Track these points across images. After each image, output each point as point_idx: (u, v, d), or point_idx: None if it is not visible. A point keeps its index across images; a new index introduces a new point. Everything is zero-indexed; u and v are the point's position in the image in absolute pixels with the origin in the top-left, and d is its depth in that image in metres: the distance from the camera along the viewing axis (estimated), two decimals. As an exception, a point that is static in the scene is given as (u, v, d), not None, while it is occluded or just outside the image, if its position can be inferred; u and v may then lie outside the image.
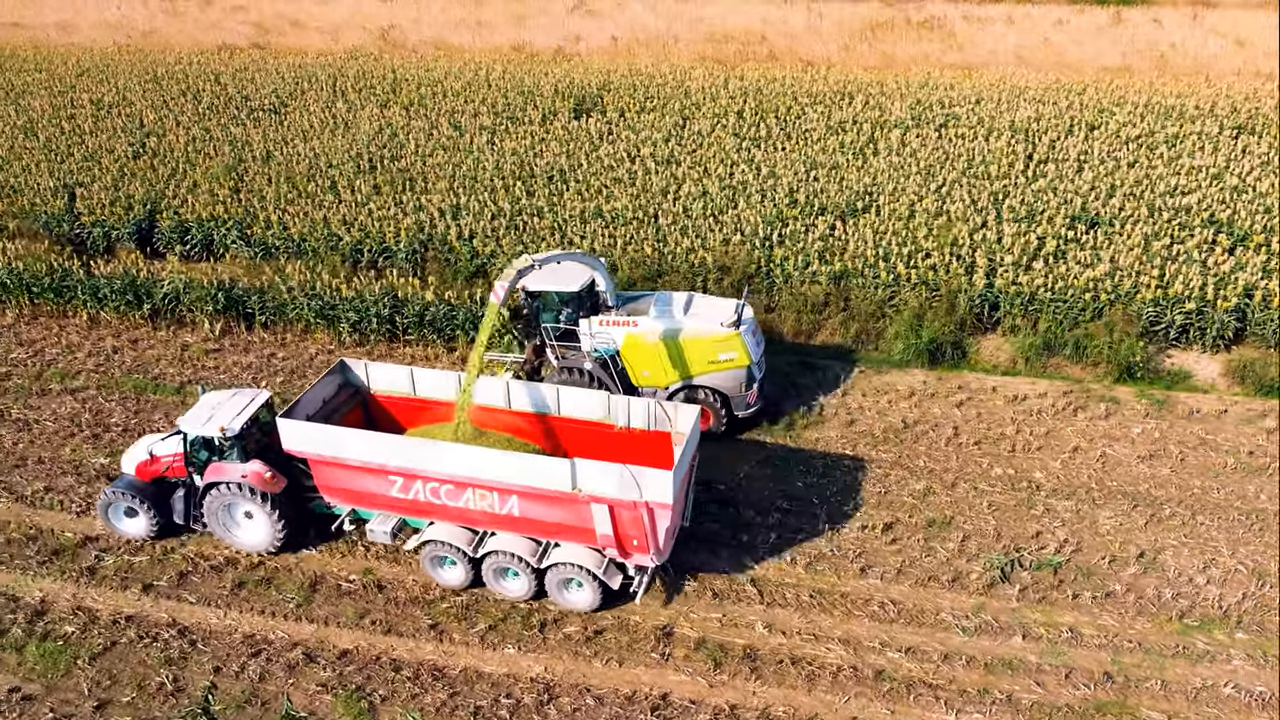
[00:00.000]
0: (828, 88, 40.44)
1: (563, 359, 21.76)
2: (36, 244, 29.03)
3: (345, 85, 42.49)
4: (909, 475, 20.62)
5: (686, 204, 29.21)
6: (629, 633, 16.82)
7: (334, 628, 17.03)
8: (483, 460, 16.28)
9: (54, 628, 17.09)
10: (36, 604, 17.59)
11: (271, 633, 16.95)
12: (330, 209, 29.67)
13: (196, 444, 17.90)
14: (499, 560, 16.91)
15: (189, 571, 18.29)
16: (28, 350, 26.00)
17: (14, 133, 37.28)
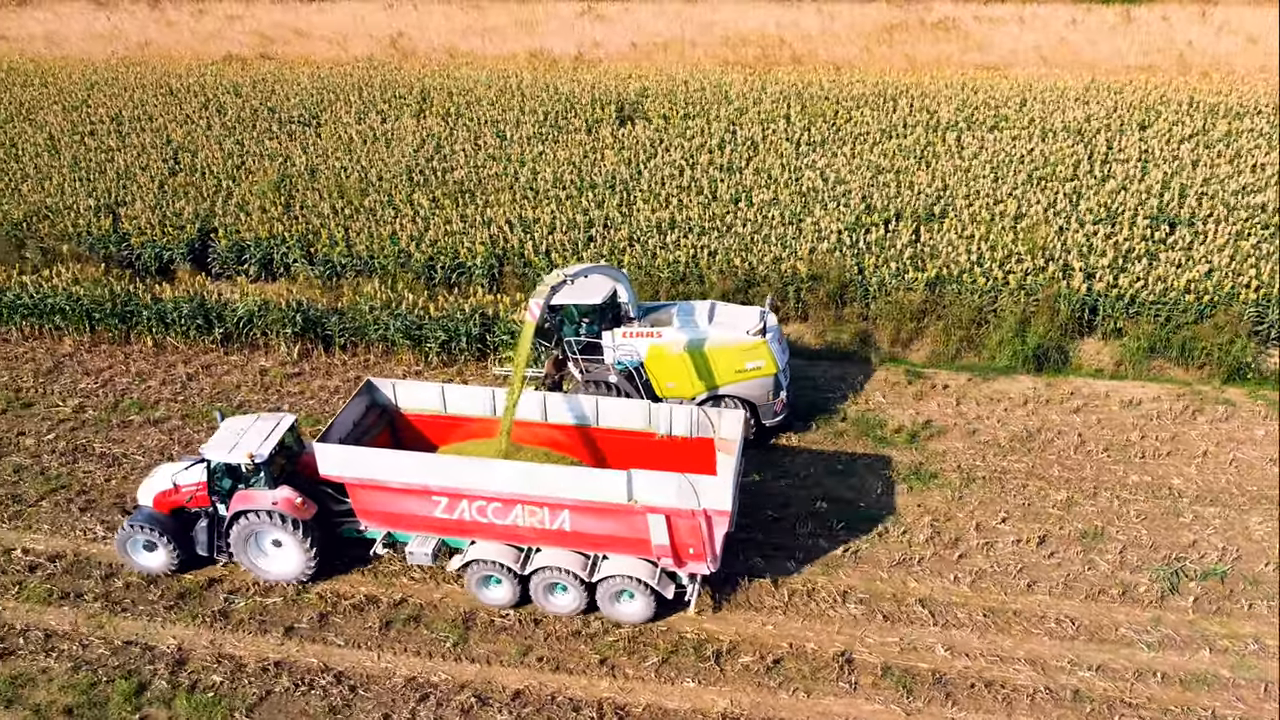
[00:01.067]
0: (867, 90, 40.16)
1: (586, 372, 21.30)
2: (88, 267, 27.71)
3: (373, 95, 41.39)
4: (1047, 485, 20.29)
5: (761, 211, 28.65)
6: (808, 660, 16.27)
7: (498, 666, 16.26)
8: (536, 476, 15.83)
9: (200, 678, 16.14)
10: (174, 652, 16.63)
11: (433, 674, 16.14)
12: (394, 224, 28.69)
13: (220, 471, 17.11)
14: (548, 576, 16.48)
15: (329, 612, 17.41)
16: (96, 380, 24.82)
17: (37, 151, 35.76)
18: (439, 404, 18.72)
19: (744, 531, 18.75)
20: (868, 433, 21.95)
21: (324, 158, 34.11)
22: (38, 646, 16.76)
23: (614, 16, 59.69)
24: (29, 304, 26.24)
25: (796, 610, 17.23)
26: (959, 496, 19.97)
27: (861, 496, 20.05)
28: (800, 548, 18.62)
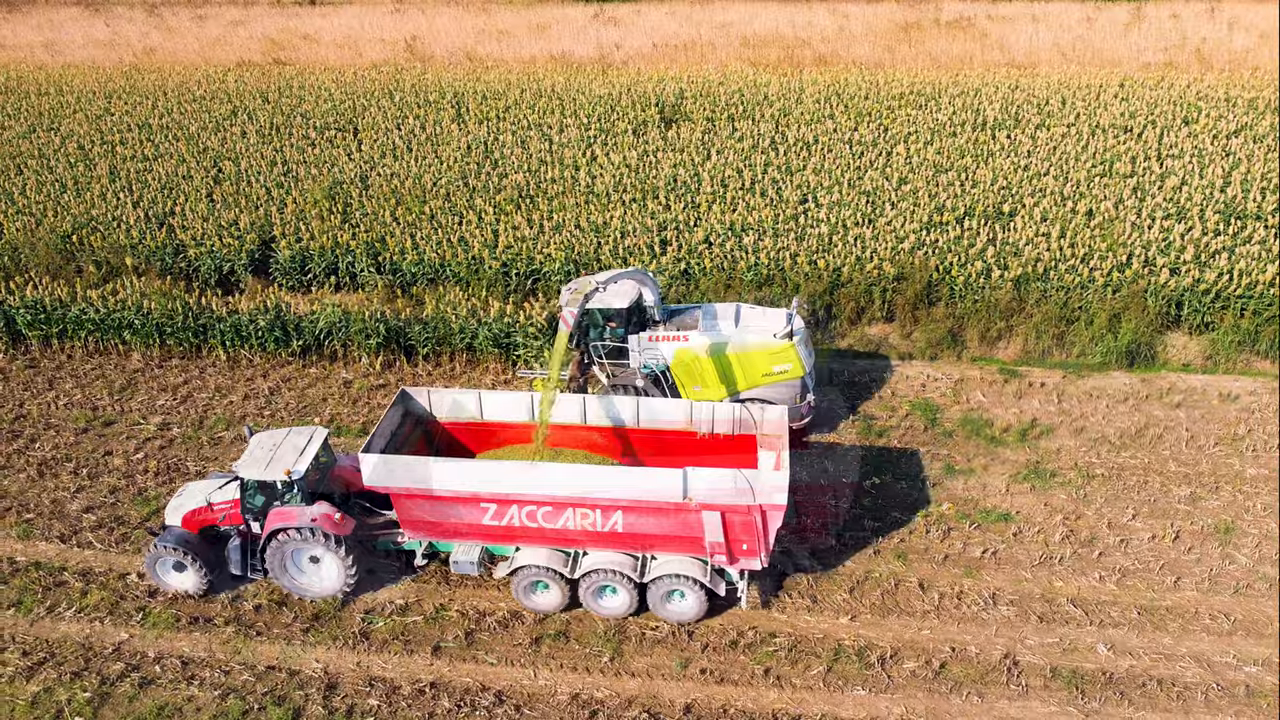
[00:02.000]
0: (903, 89, 40.19)
1: (613, 376, 21.17)
2: (149, 280, 26.95)
3: (404, 100, 40.76)
4: (1168, 481, 20.31)
5: (832, 212, 28.50)
6: (973, 664, 16.12)
7: (660, 680, 15.94)
8: (590, 477, 15.66)
9: (355, 702, 15.67)
10: (321, 677, 16.12)
11: (596, 690, 15.79)
12: (458, 230, 28.19)
13: (252, 489, 16.73)
14: (599, 579, 16.29)
15: (474, 629, 16.98)
16: (174, 396, 24.13)
17: (70, 161, 34.78)
18: (475, 411, 18.49)
19: (876, 534, 18.65)
20: (977, 432, 21.87)
21: (369, 164, 33.48)
22: (177, 674, 16.21)
23: (625, 19, 59.40)
24: (95, 319, 25.46)
25: (949, 614, 17.08)
26: (1083, 494, 19.93)
27: (985, 496, 19.96)
28: (935, 549, 18.48)
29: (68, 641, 16.93)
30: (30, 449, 22.08)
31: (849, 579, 17.76)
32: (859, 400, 23.12)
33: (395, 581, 17.91)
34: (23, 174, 33.88)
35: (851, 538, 18.76)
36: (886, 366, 24.54)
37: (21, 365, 25.63)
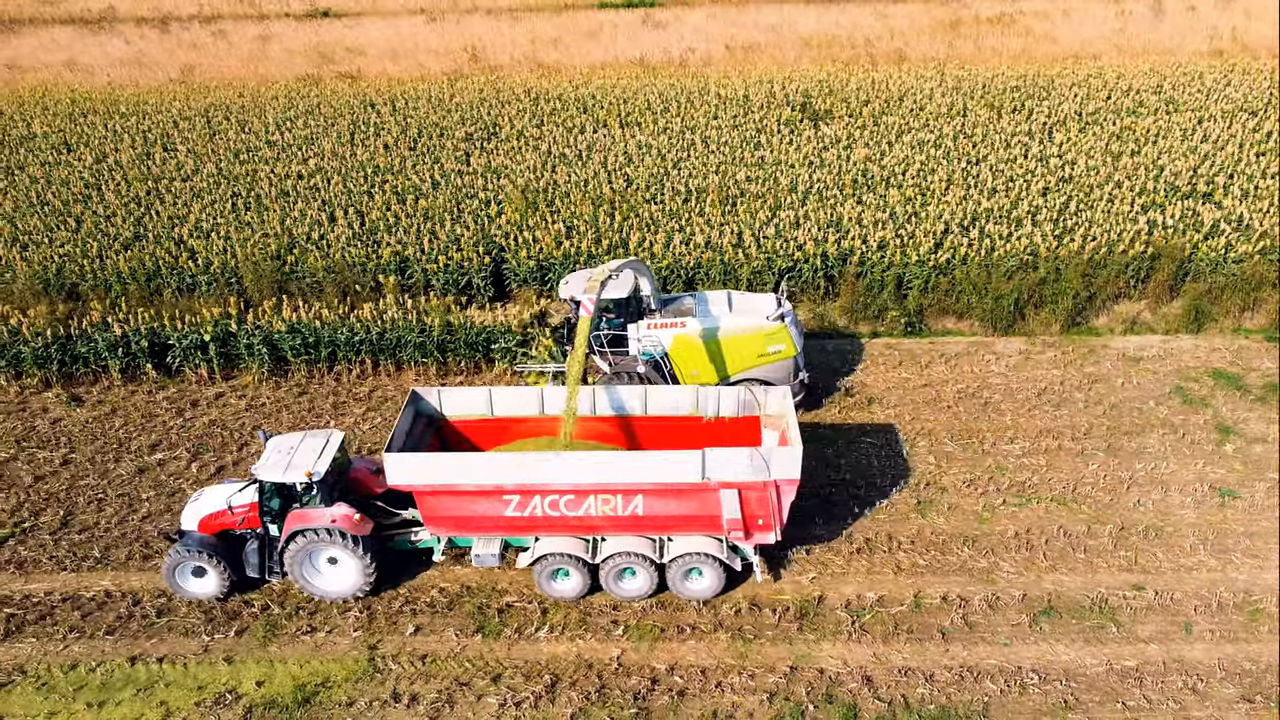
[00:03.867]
0: (1001, 83, 41.73)
1: (614, 364, 22.07)
2: (391, 298, 26.06)
3: (523, 109, 40.23)
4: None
5: (1047, 199, 29.50)
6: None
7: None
8: (612, 463, 16.35)
9: (902, 693, 15.72)
10: (853, 672, 16.12)
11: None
12: (685, 232, 28.14)
13: (269, 492, 17.09)
14: (620, 562, 16.98)
15: (970, 615, 17.16)
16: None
17: (175, 188, 33.20)
18: (485, 408, 18.91)
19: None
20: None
21: (539, 172, 32.98)
22: (701, 683, 15.95)
23: (669, 23, 59.79)
24: (370, 339, 24.56)
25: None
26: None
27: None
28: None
29: (561, 661, 16.45)
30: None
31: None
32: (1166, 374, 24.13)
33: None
34: (201, 198, 32.17)
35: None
36: (1156, 344, 25.61)
37: (293, 393, 24.49)
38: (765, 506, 16.41)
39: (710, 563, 16.86)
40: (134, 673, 16.49)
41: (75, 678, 16.42)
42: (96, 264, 27.75)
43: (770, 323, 21.24)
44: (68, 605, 17.90)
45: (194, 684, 16.21)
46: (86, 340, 24.56)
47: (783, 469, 16.09)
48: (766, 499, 16.33)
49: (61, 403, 24.28)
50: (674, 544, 17.02)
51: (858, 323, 26.89)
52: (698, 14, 60.99)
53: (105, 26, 62.65)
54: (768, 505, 16.40)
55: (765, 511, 16.47)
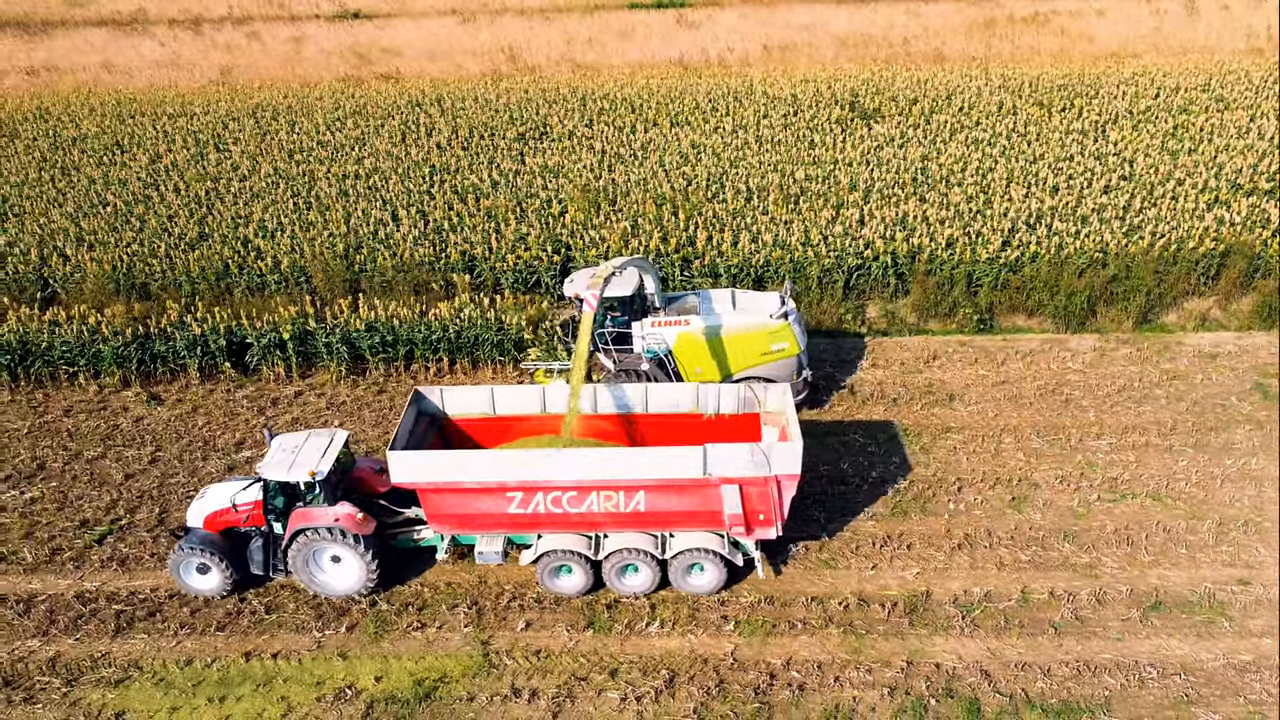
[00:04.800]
0: (1047, 82, 41.78)
1: (619, 362, 22.15)
2: (464, 295, 26.15)
3: (571, 109, 40.31)
4: None
5: (1111, 196, 29.53)
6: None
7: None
8: (614, 460, 16.43)
9: (1022, 686, 15.75)
10: (967, 665, 16.12)
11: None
12: (752, 230, 28.20)
13: (273, 490, 17.21)
14: (622, 558, 17.07)
15: (1081, 609, 17.19)
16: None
17: (234, 188, 33.26)
18: (487, 406, 18.97)
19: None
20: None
21: (595, 171, 33.05)
22: (820, 677, 15.99)
23: (701, 23, 59.88)
24: (450, 338, 24.64)
25: None
26: None
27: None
28: None
29: (676, 657, 16.50)
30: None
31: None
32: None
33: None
34: (261, 198, 32.28)
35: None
36: (1230, 340, 25.62)
37: (371, 391, 24.56)
38: (766, 502, 16.50)
39: (712, 558, 16.99)
40: (250, 668, 16.54)
41: (192, 673, 16.48)
42: (165, 264, 27.82)
43: (774, 321, 21.33)
44: (174, 601, 17.96)
45: (311, 679, 16.27)
46: (165, 339, 24.63)
47: (783, 464, 16.18)
48: (768, 494, 16.42)
49: (141, 401, 24.37)
50: (676, 540, 17.13)
51: (927, 320, 26.91)
52: (729, 14, 61.08)
53: (138, 28, 62.79)
54: (769, 500, 16.48)
55: (766, 507, 16.56)
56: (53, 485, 21.35)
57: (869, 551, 18.64)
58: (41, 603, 18.04)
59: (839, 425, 22.58)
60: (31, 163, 36.19)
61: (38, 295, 27.50)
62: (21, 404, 24.51)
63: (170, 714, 15.73)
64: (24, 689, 16.27)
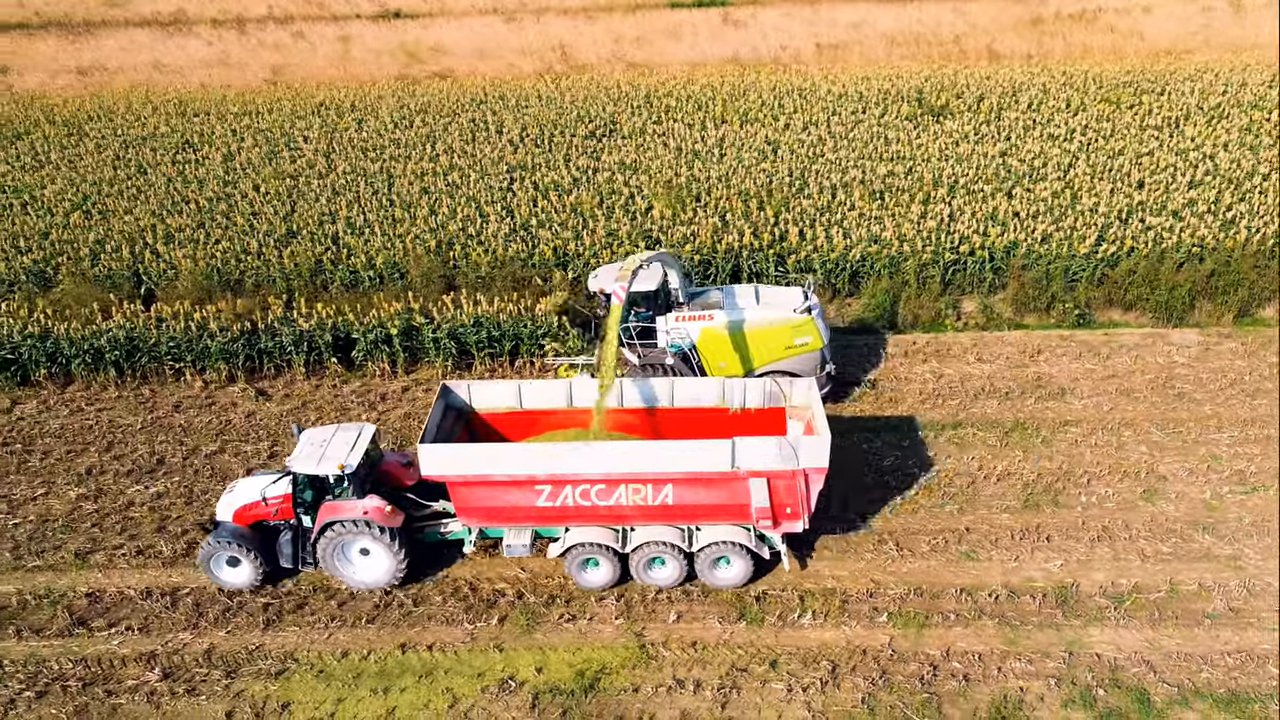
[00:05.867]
0: (1111, 78, 41.76)
1: (643, 356, 22.19)
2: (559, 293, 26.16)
3: (638, 106, 40.35)
4: None
5: (1184, 192, 29.53)
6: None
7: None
8: (643, 453, 16.51)
9: (1187, 679, 15.72)
10: (1124, 658, 16.12)
11: None
12: (852, 225, 28.21)
13: (302, 484, 17.31)
14: (650, 551, 17.15)
15: (1234, 601, 17.18)
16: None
17: (314, 185, 33.29)
18: (514, 401, 19.03)
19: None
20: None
21: (677, 168, 33.07)
22: (982, 669, 15.99)
23: (745, 21, 59.88)
24: (554, 333, 24.67)
25: None
26: None
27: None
28: None
29: (833, 648, 16.51)
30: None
31: None
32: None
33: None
34: (341, 195, 32.36)
35: None
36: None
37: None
38: (794, 495, 16.57)
39: (739, 551, 17.04)
40: (407, 660, 16.59)
41: (350, 665, 16.52)
42: (257, 260, 27.88)
43: (798, 315, 21.37)
44: (320, 595, 18.00)
45: (472, 671, 16.31)
46: (271, 335, 24.68)
47: (811, 458, 16.24)
48: (795, 488, 16.49)
49: (249, 397, 24.42)
50: (702, 533, 17.17)
51: (1023, 315, 26.91)
52: (772, 13, 61.08)
53: (182, 28, 62.93)
54: (796, 494, 16.54)
55: (793, 500, 16.62)
56: (175, 480, 21.39)
57: (1008, 544, 18.63)
58: (186, 596, 18.08)
59: (955, 420, 22.58)
60: (105, 161, 36.26)
61: (139, 291, 27.55)
62: (130, 399, 24.56)
63: (336, 705, 15.75)
64: (184, 681, 16.31)
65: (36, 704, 15.95)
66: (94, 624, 17.55)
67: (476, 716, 15.53)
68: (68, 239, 29.50)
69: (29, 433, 23.33)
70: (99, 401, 24.54)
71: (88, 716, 15.73)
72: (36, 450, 22.65)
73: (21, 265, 28.03)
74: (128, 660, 16.75)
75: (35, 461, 22.24)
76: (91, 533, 19.86)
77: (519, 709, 15.60)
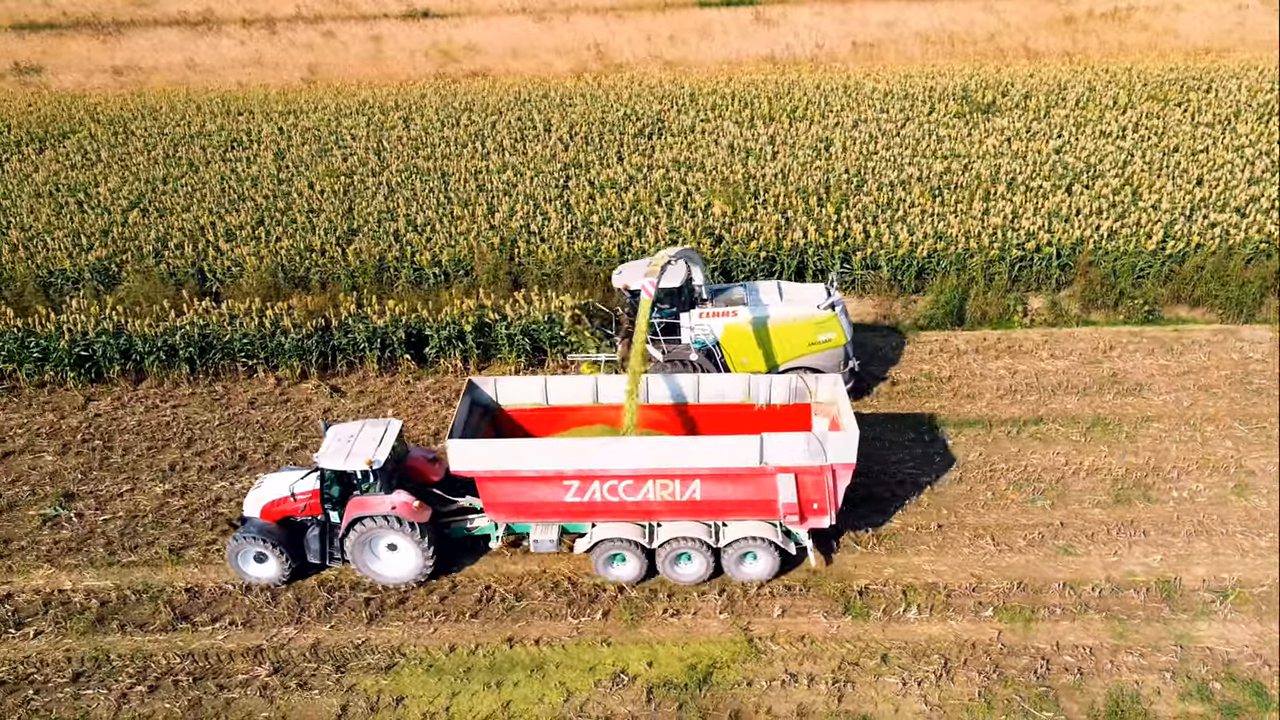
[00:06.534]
0: (1155, 76, 41.74)
1: (667, 352, 22.23)
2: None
3: (682, 104, 40.37)
4: None
5: (1243, 189, 29.53)
6: None
7: None
8: (672, 448, 16.62)
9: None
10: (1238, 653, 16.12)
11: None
12: (917, 222, 28.21)
13: (329, 479, 17.32)
14: (676, 547, 17.19)
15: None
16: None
17: (369, 183, 33.33)
18: (540, 397, 19.09)
19: None
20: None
21: (732, 165, 33.10)
22: (1090, 663, 15.98)
23: (776, 20, 59.93)
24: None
25: None
26: None
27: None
28: None
29: (942, 642, 16.52)
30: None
31: None
32: None
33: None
34: (398, 193, 32.42)
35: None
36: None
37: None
38: (821, 491, 16.63)
39: (765, 547, 17.09)
40: (515, 654, 16.59)
41: (458, 659, 16.53)
42: (320, 258, 27.91)
43: (821, 311, 21.41)
44: (421, 590, 18.00)
45: (582, 665, 16.32)
46: (345, 332, 24.71)
47: (839, 453, 16.32)
48: (822, 483, 16.54)
49: (324, 394, 24.44)
50: (729, 529, 17.22)
51: (1090, 311, 26.90)
52: (804, 12, 61.16)
53: (212, 28, 63.03)
54: (823, 489, 16.60)
55: (821, 496, 16.68)
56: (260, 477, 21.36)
57: (1104, 538, 18.64)
58: (286, 591, 18.08)
59: (1035, 415, 22.58)
60: (154, 159, 36.31)
61: (211, 288, 27.61)
62: (203, 396, 24.60)
63: (450, 699, 15.77)
64: (294, 675, 16.32)
65: (149, 698, 15.97)
66: (196, 619, 17.55)
67: (592, 710, 15.52)
68: (128, 236, 29.50)
69: (107, 429, 23.36)
70: (173, 398, 24.56)
71: (201, 711, 15.72)
72: (117, 447, 22.67)
73: (85, 262, 28.03)
74: (234, 655, 16.76)
75: (117, 458, 22.26)
76: (182, 528, 19.87)
77: (633, 702, 15.60)
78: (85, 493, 21.09)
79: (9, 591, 18.38)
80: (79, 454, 22.45)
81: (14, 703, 15.95)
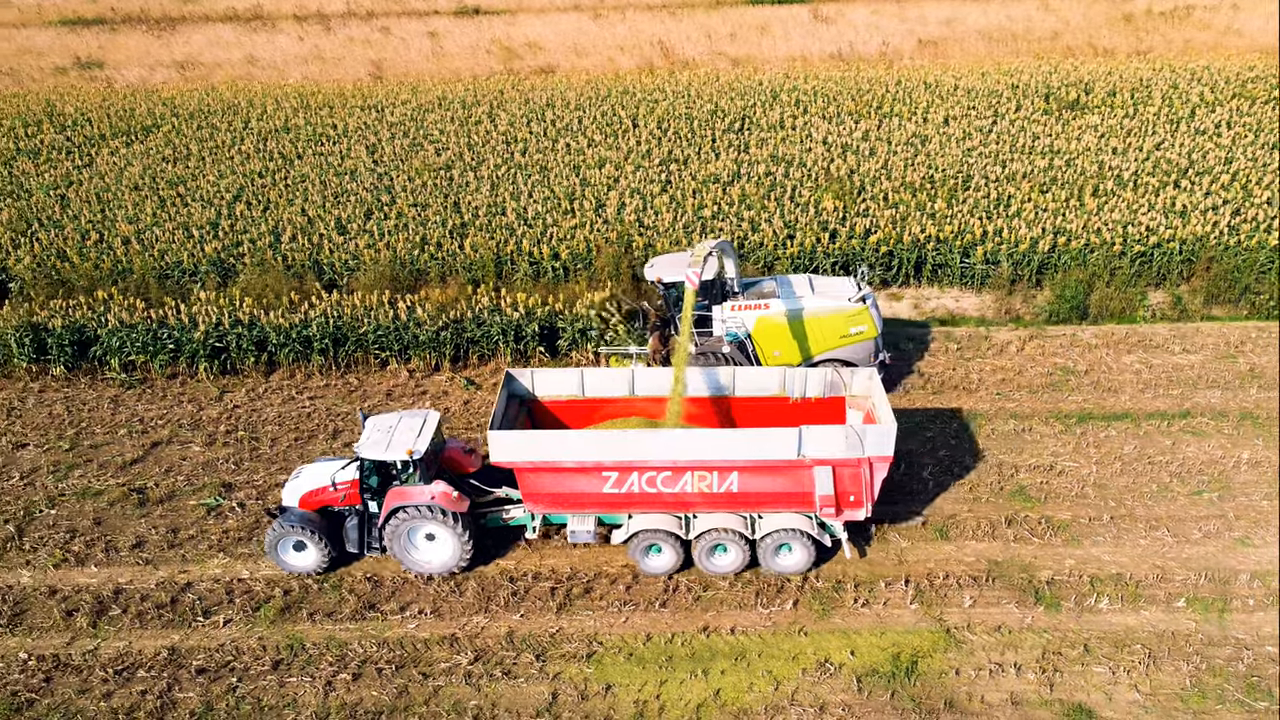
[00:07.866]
0: (1237, 74, 41.79)
1: (700, 345, 22.33)
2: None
3: (766, 101, 40.43)
4: None
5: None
6: None
7: None
8: (711, 440, 16.63)
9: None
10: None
11: None
12: (1033, 216, 28.25)
13: (369, 469, 17.43)
14: (713, 538, 17.32)
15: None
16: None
17: (468, 178, 33.38)
18: (577, 389, 19.20)
19: None
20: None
21: (833, 160, 33.15)
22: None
23: (832, 18, 59.95)
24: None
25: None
26: None
27: None
28: None
29: (1138, 632, 16.56)
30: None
31: None
32: None
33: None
34: (499, 186, 32.48)
35: None
36: None
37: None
38: (858, 483, 16.71)
39: (801, 539, 17.20)
40: (713, 644, 16.64)
41: (657, 648, 16.57)
42: (437, 251, 27.96)
43: (852, 304, 21.53)
44: (603, 580, 18.05)
45: (783, 654, 16.36)
46: (478, 324, 24.75)
47: (877, 446, 16.38)
48: (859, 476, 16.62)
49: (459, 385, 24.48)
50: (765, 521, 17.31)
51: (1212, 306, 26.94)
52: (861, 9, 61.17)
53: (267, 24, 63.06)
54: (860, 482, 16.68)
55: (857, 488, 16.76)
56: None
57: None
58: (468, 580, 18.12)
59: (1182, 409, 22.64)
60: (246, 153, 36.36)
61: (328, 281, 27.66)
62: (338, 387, 24.65)
63: (659, 686, 15.81)
64: (496, 664, 16.36)
65: (355, 685, 16.01)
66: (384, 607, 17.58)
67: (802, 698, 15.56)
68: (239, 229, 29.54)
69: (249, 420, 23.39)
70: (308, 390, 24.60)
71: (409, 698, 15.77)
72: (264, 438, 22.70)
73: (204, 255, 28.08)
74: (429, 643, 16.80)
75: (266, 448, 22.31)
76: (349, 518, 19.84)
77: (844, 690, 15.65)
78: (242, 483, 21.12)
79: (189, 580, 18.41)
80: (226, 445, 22.49)
81: (220, 690, 15.98)
